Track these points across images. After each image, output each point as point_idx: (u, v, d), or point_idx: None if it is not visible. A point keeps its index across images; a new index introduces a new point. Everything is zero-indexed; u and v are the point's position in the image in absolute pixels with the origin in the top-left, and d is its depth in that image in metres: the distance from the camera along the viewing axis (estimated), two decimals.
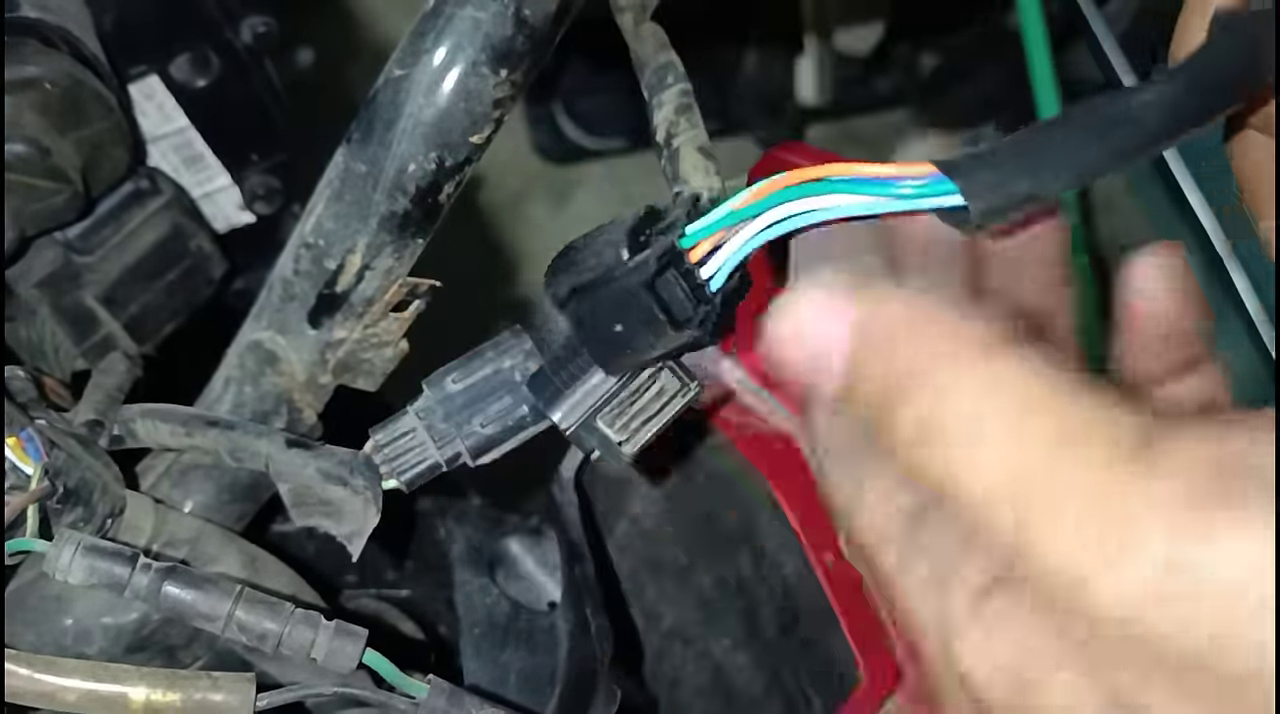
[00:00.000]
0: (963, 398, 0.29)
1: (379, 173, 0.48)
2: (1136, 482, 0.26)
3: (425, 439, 0.48)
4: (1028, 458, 0.27)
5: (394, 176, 0.48)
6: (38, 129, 0.63)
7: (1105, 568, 0.26)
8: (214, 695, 0.44)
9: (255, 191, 0.79)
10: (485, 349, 0.49)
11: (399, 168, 0.48)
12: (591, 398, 0.45)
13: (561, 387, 0.45)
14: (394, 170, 0.48)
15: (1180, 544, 0.25)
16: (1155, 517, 0.25)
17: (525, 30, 0.47)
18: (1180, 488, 0.25)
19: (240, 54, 0.76)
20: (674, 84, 0.52)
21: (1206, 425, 0.26)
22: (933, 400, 0.29)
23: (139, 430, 0.53)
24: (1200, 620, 0.25)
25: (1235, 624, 0.24)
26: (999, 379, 0.28)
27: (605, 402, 0.45)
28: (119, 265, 0.70)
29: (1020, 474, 0.27)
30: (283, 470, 0.50)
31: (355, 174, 0.48)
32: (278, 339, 0.53)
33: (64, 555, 0.44)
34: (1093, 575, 0.26)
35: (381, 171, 0.48)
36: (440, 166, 0.48)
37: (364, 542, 0.49)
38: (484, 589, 0.71)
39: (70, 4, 0.68)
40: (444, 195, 0.49)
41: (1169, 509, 0.25)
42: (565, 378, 0.45)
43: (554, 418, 0.46)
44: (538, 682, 0.67)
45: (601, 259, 0.41)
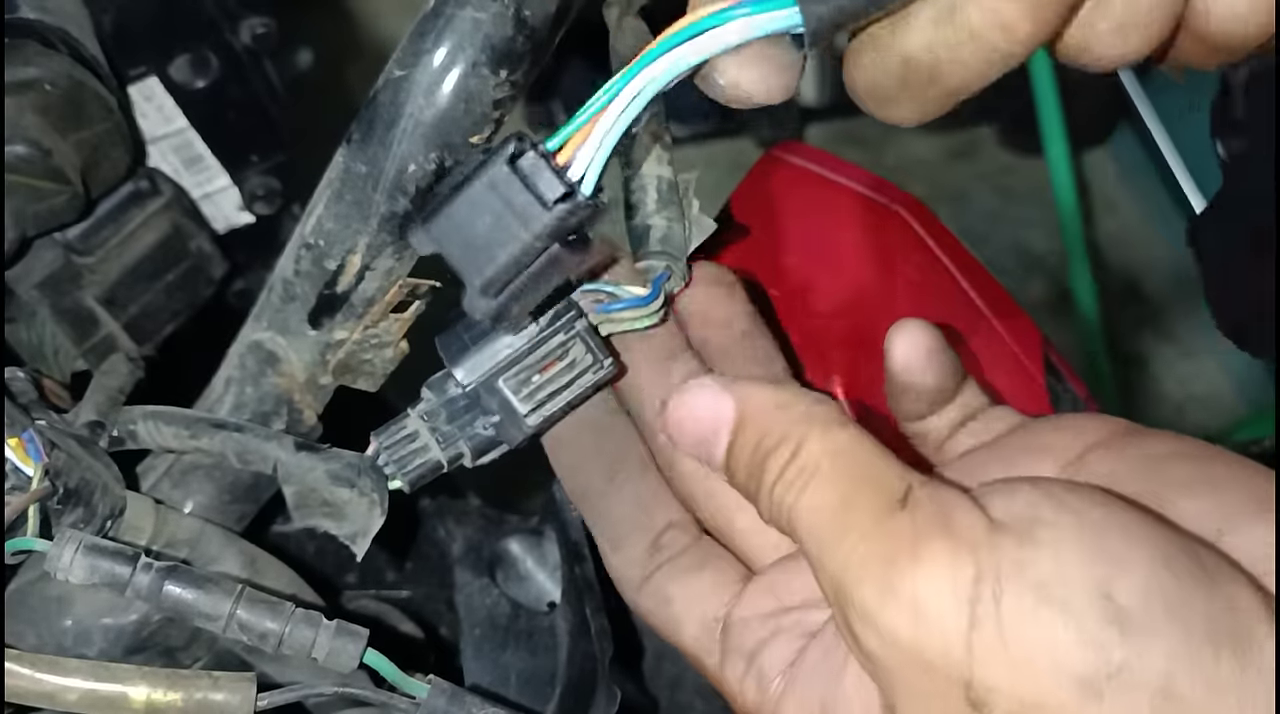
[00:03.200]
0: (812, 453, 0.38)
1: (379, 173, 0.48)
2: (890, 523, 0.36)
3: (428, 440, 0.49)
4: (835, 500, 0.37)
5: (394, 177, 0.48)
6: (38, 130, 0.63)
7: (860, 581, 0.35)
8: (215, 695, 0.44)
9: (255, 192, 0.79)
10: None
11: (399, 168, 0.48)
12: (496, 357, 0.45)
13: (469, 343, 0.45)
14: (394, 171, 0.48)
15: (899, 568, 0.34)
16: (890, 547, 0.35)
17: (525, 31, 0.47)
18: (910, 530, 0.35)
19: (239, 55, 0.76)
20: None
21: (945, 489, 0.36)
22: (792, 454, 0.39)
23: (140, 432, 0.53)
24: (907, 626, 0.34)
25: (929, 623, 0.34)
26: (840, 443, 0.38)
27: (511, 364, 0.45)
28: (119, 266, 0.70)
29: (828, 512, 0.37)
30: (291, 473, 0.50)
31: (355, 174, 0.49)
32: (278, 340, 0.53)
33: (65, 555, 0.45)
34: (853, 586, 0.35)
35: (382, 172, 0.48)
36: (440, 167, 0.48)
37: (369, 542, 0.49)
38: (484, 590, 0.71)
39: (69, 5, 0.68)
40: None
41: (900, 542, 0.35)
42: (475, 335, 0.45)
43: (458, 376, 0.45)
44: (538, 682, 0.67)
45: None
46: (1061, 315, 1.85)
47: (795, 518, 0.38)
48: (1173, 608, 0.32)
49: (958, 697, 0.33)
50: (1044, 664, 0.32)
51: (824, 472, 0.38)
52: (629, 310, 0.47)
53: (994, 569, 0.33)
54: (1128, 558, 0.33)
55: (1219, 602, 0.33)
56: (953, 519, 0.35)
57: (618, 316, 0.47)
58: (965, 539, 0.34)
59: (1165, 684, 0.32)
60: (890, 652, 0.35)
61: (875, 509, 0.36)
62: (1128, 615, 0.32)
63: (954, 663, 0.33)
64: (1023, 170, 2.04)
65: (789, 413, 0.40)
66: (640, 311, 0.47)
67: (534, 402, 0.45)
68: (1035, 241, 1.99)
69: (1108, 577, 0.33)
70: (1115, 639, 0.32)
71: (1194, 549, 0.34)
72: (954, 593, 0.33)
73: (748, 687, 0.43)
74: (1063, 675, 0.32)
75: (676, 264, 0.49)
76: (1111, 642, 0.32)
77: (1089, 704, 0.32)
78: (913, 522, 0.35)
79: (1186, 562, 0.34)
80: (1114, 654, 0.32)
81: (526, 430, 0.45)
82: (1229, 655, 0.32)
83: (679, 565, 0.47)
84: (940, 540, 0.34)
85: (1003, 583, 0.33)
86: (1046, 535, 0.34)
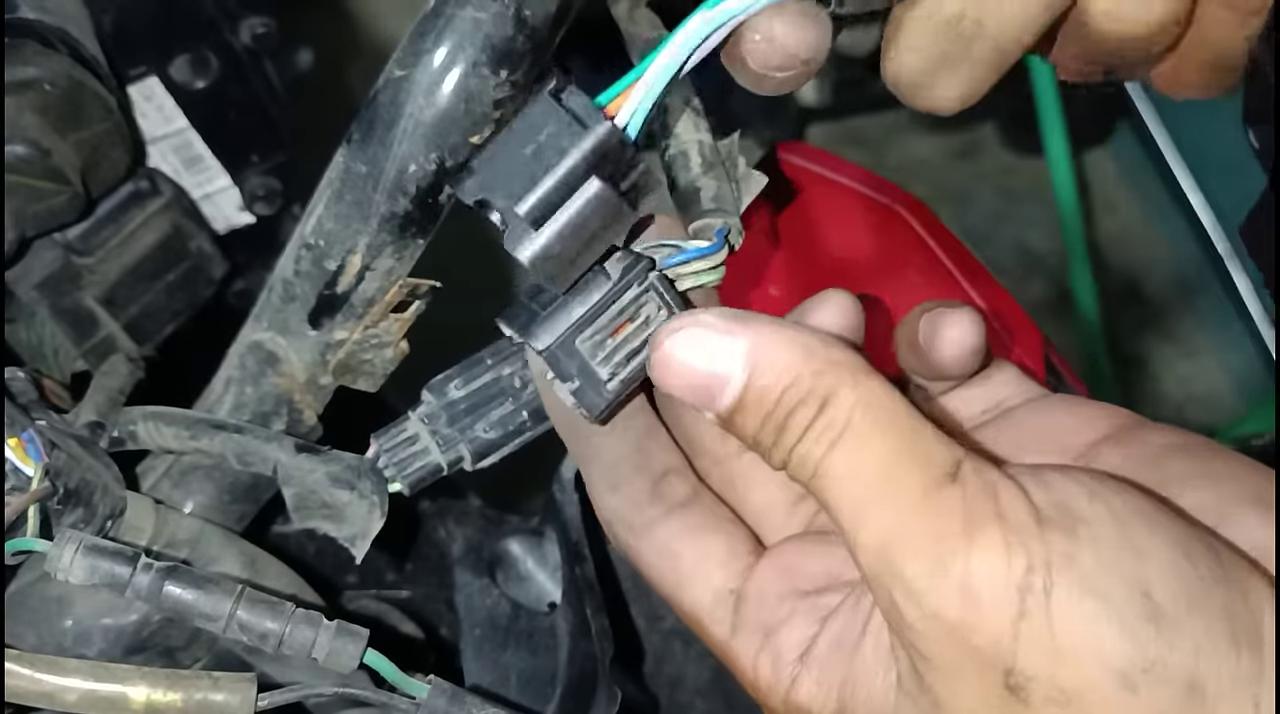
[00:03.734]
0: (842, 407, 0.36)
1: (379, 173, 0.48)
2: (939, 499, 0.35)
3: (428, 443, 0.49)
4: (875, 466, 0.36)
5: (394, 177, 0.48)
6: (37, 130, 0.63)
7: (906, 557, 0.35)
8: (215, 695, 0.44)
9: (255, 192, 0.79)
10: (484, 356, 0.50)
11: (399, 168, 0.48)
12: (570, 318, 0.42)
13: (538, 309, 0.43)
14: (394, 171, 0.48)
15: (951, 548, 0.34)
16: (941, 526, 0.34)
17: (526, 31, 0.47)
18: (961, 509, 0.35)
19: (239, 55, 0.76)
20: None
21: (992, 467, 0.36)
22: (819, 409, 0.36)
23: (141, 433, 0.53)
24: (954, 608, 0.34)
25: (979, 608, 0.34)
26: (871, 397, 0.36)
27: (586, 323, 0.42)
28: (119, 266, 0.70)
29: (867, 479, 0.36)
30: (291, 475, 0.50)
31: (355, 175, 0.49)
32: (278, 340, 0.53)
33: (65, 555, 0.45)
34: (897, 561, 0.35)
35: (382, 172, 0.48)
36: (441, 167, 0.48)
37: (368, 545, 0.49)
38: (485, 590, 0.71)
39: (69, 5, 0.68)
40: (445, 196, 0.49)
41: (952, 521, 0.34)
42: (542, 302, 0.43)
43: (532, 344, 0.42)
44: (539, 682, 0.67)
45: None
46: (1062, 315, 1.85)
47: (823, 475, 0.37)
48: (1195, 602, 0.33)
49: (996, 680, 0.34)
50: (1086, 656, 0.33)
51: (857, 429, 0.36)
52: (697, 261, 0.45)
53: (1045, 561, 0.34)
54: (1155, 552, 0.34)
55: (1234, 594, 0.34)
56: (1000, 502, 0.35)
57: (685, 269, 0.44)
58: (1015, 526, 0.34)
59: (1192, 678, 0.33)
60: (933, 627, 0.35)
61: (923, 479, 0.35)
62: (1162, 611, 0.33)
63: (1000, 648, 0.34)
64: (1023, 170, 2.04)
65: (812, 359, 0.37)
66: (708, 262, 0.45)
67: (611, 364, 0.43)
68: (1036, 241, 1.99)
69: (1143, 572, 0.34)
70: (1152, 634, 0.33)
71: (1210, 541, 0.35)
72: (1007, 581, 0.34)
73: (763, 663, 0.42)
74: (1103, 667, 0.33)
75: (732, 219, 0.47)
76: (1149, 637, 0.33)
77: (1125, 695, 0.33)
78: (964, 500, 0.35)
79: (1205, 552, 0.34)
80: (1149, 649, 0.33)
81: (607, 396, 0.43)
82: (1247, 649, 0.33)
83: (686, 522, 0.45)
84: (994, 525, 0.34)
85: (1053, 575, 0.33)
86: (1086, 530, 0.34)
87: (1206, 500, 0.38)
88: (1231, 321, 1.75)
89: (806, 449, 0.37)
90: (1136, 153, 1.94)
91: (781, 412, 0.37)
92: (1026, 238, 2.00)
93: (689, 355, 0.38)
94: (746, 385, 0.37)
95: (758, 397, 0.37)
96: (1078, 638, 0.33)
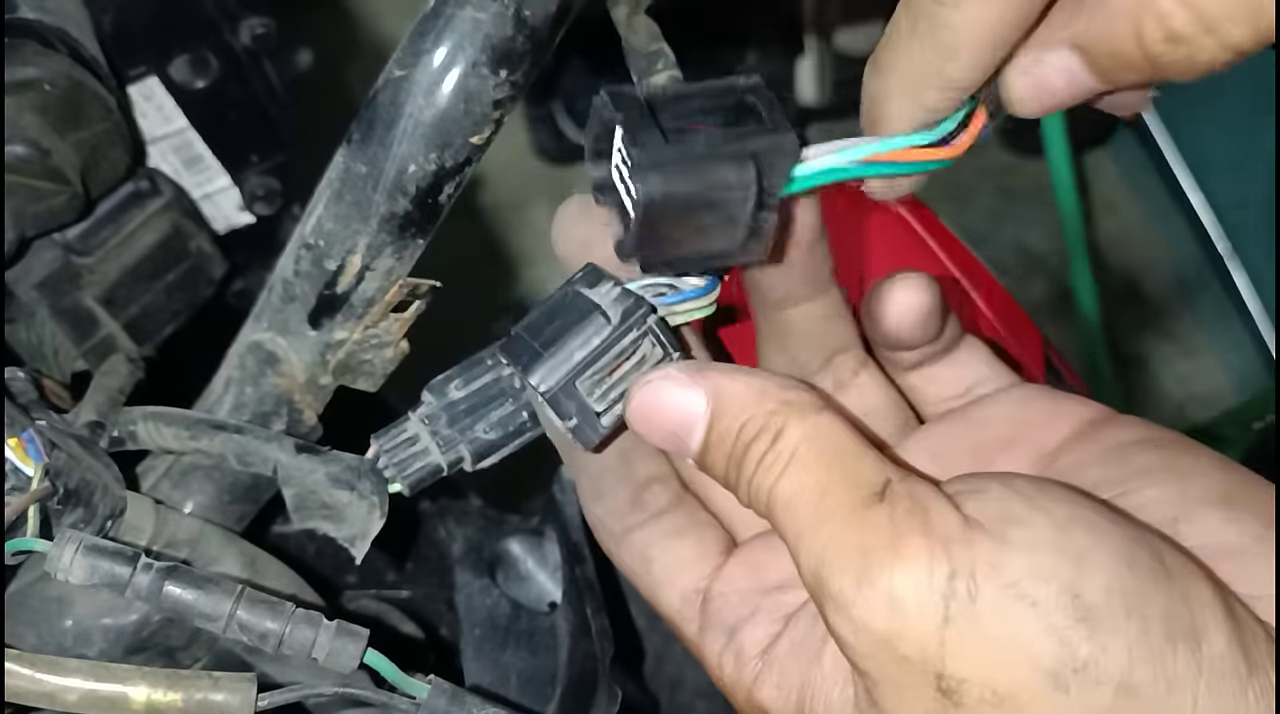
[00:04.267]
0: (791, 440, 0.39)
1: (379, 173, 0.48)
2: (868, 517, 0.36)
3: (429, 444, 0.49)
4: (814, 489, 0.38)
5: (394, 177, 0.48)
6: (37, 130, 0.63)
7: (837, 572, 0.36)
8: (215, 695, 0.44)
9: (255, 192, 0.79)
10: (485, 357, 0.50)
11: (399, 168, 0.48)
12: (573, 360, 0.44)
13: (540, 349, 0.44)
14: (394, 171, 0.48)
15: (878, 562, 0.35)
16: (868, 541, 0.36)
17: (525, 31, 0.47)
18: (888, 525, 0.36)
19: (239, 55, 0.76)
20: (664, 69, 0.52)
21: (922, 485, 0.37)
22: (769, 442, 0.39)
23: (141, 433, 0.53)
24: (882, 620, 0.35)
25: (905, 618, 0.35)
26: (818, 430, 0.39)
27: (586, 366, 0.44)
28: (119, 266, 0.70)
29: (807, 500, 0.38)
30: (291, 475, 0.50)
31: (355, 175, 0.49)
32: (278, 340, 0.53)
33: (65, 555, 0.44)
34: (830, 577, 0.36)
35: (382, 172, 0.48)
36: (440, 167, 0.48)
37: (368, 545, 0.49)
38: (485, 590, 0.71)
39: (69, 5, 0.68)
40: (444, 196, 0.49)
41: (879, 536, 0.36)
42: (545, 340, 0.44)
43: (532, 381, 0.44)
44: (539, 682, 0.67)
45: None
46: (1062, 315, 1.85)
47: (773, 503, 0.39)
48: (1132, 605, 0.34)
49: (929, 685, 0.35)
50: (1015, 657, 0.34)
51: (802, 457, 0.38)
52: (690, 301, 0.46)
53: (969, 567, 0.35)
54: (1093, 556, 0.35)
55: (1176, 596, 0.35)
56: (929, 515, 0.36)
57: (679, 308, 0.46)
58: (941, 536, 0.35)
59: (1126, 679, 0.34)
60: (864, 640, 0.36)
61: (853, 500, 0.37)
62: (1094, 613, 0.34)
63: (927, 655, 0.35)
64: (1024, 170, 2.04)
65: (766, 401, 0.40)
66: (700, 302, 0.47)
67: (607, 401, 0.45)
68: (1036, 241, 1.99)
69: (1076, 576, 0.34)
70: (1083, 635, 0.34)
71: (1154, 545, 0.36)
72: (930, 588, 0.35)
73: (726, 661, 0.43)
74: (1033, 668, 0.34)
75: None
76: (1079, 638, 0.34)
77: (1057, 695, 0.34)
78: (890, 515, 0.36)
79: (1147, 559, 0.35)
80: (1080, 649, 0.34)
81: (602, 431, 0.45)
82: (1185, 650, 0.34)
83: (661, 527, 0.47)
84: (918, 536, 0.36)
85: (977, 580, 0.35)
86: (1018, 535, 0.35)
87: (1169, 495, 0.39)
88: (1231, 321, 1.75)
89: (760, 479, 0.39)
90: (1136, 153, 1.94)
91: (740, 447, 0.40)
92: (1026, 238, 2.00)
93: (659, 409, 0.41)
94: (709, 427, 0.41)
95: (719, 437, 0.40)
96: (1006, 640, 0.34)
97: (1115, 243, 2.00)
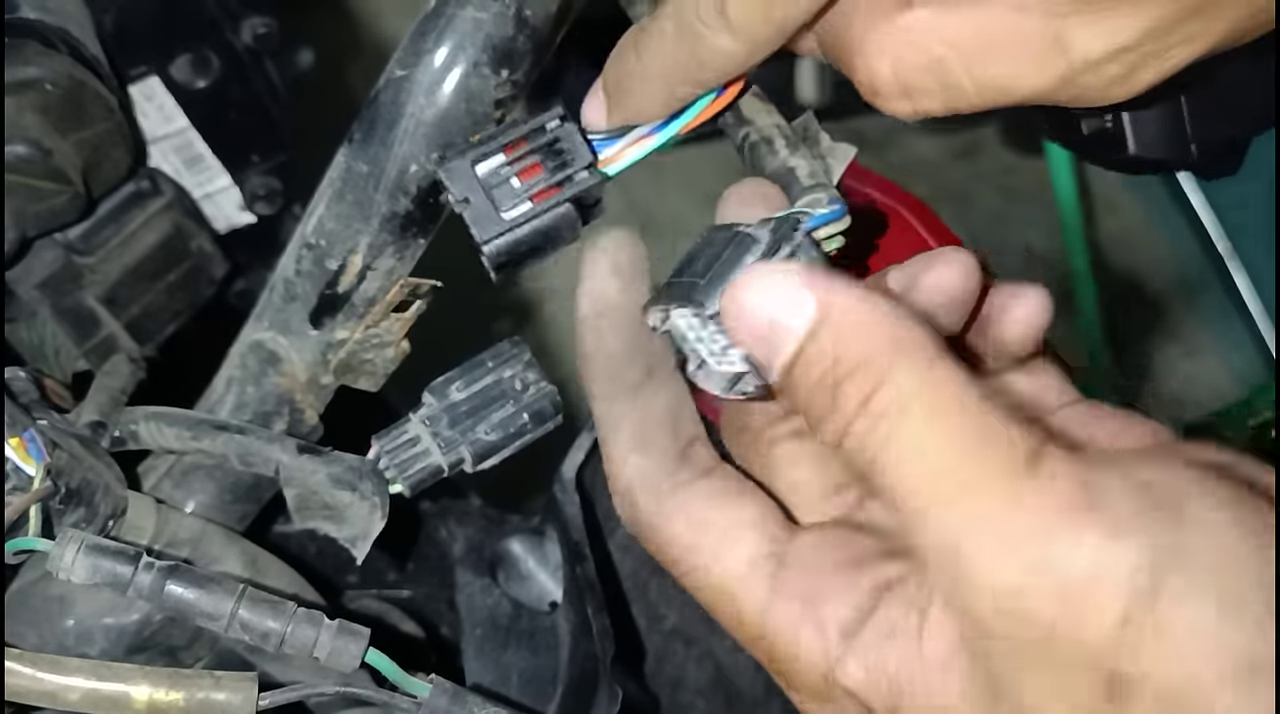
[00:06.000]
0: (903, 387, 0.34)
1: (380, 173, 0.48)
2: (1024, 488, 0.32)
3: (430, 445, 0.49)
4: (944, 450, 0.33)
5: (395, 177, 0.48)
6: (39, 130, 0.63)
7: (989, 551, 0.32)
8: (217, 694, 0.44)
9: (256, 192, 0.79)
10: (485, 359, 0.50)
11: (400, 168, 0.48)
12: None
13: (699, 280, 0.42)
14: (395, 170, 0.48)
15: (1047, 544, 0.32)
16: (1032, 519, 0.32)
17: (526, 30, 0.47)
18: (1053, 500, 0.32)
19: (240, 55, 0.76)
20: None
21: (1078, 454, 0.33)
22: (876, 384, 0.34)
23: (142, 433, 0.53)
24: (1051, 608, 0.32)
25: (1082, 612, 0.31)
26: (937, 378, 0.34)
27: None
28: (120, 266, 0.70)
29: (935, 463, 0.33)
30: (293, 476, 0.50)
31: (357, 174, 0.49)
32: (279, 339, 0.53)
33: (67, 554, 0.45)
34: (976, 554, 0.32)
35: (383, 172, 0.48)
36: None
37: (369, 546, 0.49)
38: (486, 590, 0.71)
39: (70, 5, 0.68)
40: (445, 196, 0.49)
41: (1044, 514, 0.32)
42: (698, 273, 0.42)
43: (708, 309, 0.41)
44: (540, 682, 0.67)
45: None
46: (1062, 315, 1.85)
47: (885, 460, 0.34)
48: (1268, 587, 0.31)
49: (1097, 683, 0.32)
50: (1196, 654, 0.31)
51: (920, 412, 0.34)
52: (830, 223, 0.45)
53: (1151, 556, 0.31)
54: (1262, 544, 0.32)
55: None
56: (1094, 489, 0.32)
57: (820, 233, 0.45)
58: (1115, 518, 0.32)
59: None
60: (1021, 630, 0.32)
61: (1003, 469, 0.33)
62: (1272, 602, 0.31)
63: (1103, 652, 0.31)
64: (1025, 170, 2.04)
65: (876, 331, 0.35)
66: (837, 226, 0.46)
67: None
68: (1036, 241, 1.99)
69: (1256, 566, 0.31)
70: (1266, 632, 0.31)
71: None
72: (1114, 580, 0.31)
73: (804, 635, 0.38)
74: (1213, 665, 0.31)
75: (833, 191, 0.47)
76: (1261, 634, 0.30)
77: (1241, 691, 0.31)
78: (1054, 490, 0.32)
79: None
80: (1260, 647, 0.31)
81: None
82: None
83: (715, 485, 0.42)
84: (1091, 518, 0.32)
85: (1162, 571, 0.31)
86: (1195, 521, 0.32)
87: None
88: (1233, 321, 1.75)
89: (865, 427, 0.34)
90: None
91: (839, 374, 0.35)
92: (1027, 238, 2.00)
93: (758, 300, 0.36)
94: (802, 346, 0.36)
95: (815, 355, 0.35)
96: (1188, 636, 0.31)
97: (1116, 243, 2.00)
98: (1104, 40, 0.39)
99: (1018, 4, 0.39)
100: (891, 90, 0.41)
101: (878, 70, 0.41)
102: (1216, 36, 0.39)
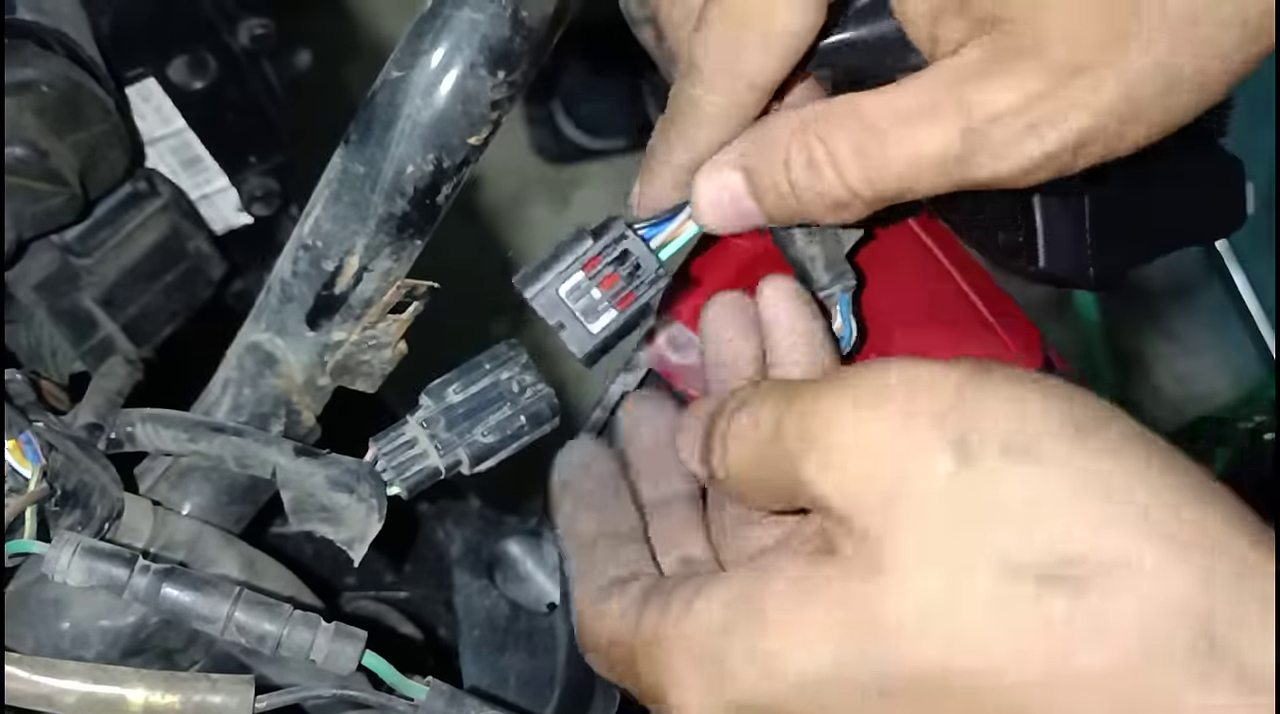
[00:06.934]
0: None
1: (377, 174, 0.48)
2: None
3: (427, 447, 0.49)
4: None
5: (392, 178, 0.48)
6: (35, 132, 0.63)
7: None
8: (213, 697, 0.44)
9: (253, 193, 0.79)
10: (482, 361, 0.50)
11: (397, 169, 0.48)
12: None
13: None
14: (392, 172, 0.48)
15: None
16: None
17: (523, 31, 0.47)
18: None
19: (238, 56, 0.76)
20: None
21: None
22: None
23: (139, 434, 0.53)
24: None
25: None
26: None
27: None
28: (117, 267, 0.70)
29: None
30: (290, 478, 0.50)
31: (353, 176, 0.48)
32: (276, 341, 0.53)
33: (63, 557, 0.44)
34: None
35: (380, 173, 0.48)
36: (438, 168, 0.48)
37: (366, 548, 0.49)
38: (483, 591, 0.71)
39: (66, 6, 0.68)
40: (442, 197, 0.49)
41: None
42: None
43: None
44: (537, 684, 0.67)
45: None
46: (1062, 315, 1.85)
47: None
48: None
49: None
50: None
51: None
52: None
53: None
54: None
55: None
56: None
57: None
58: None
59: None
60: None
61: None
62: None
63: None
64: None
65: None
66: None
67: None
68: None
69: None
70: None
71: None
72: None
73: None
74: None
75: (849, 281, 0.53)
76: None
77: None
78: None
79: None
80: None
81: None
82: None
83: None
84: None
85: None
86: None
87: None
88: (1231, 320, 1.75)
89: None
90: None
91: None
92: None
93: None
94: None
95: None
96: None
97: None
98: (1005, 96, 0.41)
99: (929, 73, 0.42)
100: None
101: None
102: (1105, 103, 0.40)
